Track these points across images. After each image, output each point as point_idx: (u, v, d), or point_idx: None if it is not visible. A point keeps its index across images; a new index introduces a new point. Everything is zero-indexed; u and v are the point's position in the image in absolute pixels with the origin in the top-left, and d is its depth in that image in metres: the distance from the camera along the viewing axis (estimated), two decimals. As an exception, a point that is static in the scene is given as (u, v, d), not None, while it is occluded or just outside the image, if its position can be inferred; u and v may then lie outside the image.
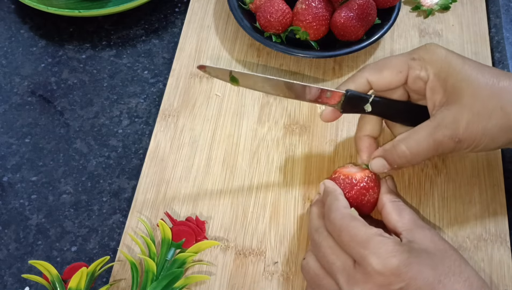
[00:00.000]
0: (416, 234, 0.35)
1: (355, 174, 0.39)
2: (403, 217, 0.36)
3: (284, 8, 0.48)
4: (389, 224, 0.37)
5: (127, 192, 0.45)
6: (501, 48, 0.53)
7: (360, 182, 0.39)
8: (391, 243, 0.32)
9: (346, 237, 0.34)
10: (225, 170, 0.45)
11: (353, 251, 0.33)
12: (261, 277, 0.40)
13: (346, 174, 0.39)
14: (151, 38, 0.55)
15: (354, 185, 0.39)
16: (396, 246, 0.32)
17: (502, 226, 0.42)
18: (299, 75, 0.51)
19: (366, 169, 0.40)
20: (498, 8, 0.56)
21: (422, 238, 0.34)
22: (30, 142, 0.48)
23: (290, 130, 0.47)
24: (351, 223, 0.34)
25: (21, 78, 0.52)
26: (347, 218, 0.34)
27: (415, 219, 0.36)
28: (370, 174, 0.39)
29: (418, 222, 0.36)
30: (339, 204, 0.36)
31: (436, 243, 0.34)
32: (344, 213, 0.35)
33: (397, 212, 0.37)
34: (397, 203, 0.38)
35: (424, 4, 0.55)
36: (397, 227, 0.36)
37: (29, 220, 0.44)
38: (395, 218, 0.36)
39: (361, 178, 0.39)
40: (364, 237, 0.33)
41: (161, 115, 0.48)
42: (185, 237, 0.41)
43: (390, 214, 0.37)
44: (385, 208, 0.38)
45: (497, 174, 0.45)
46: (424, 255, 0.33)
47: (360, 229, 0.33)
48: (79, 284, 0.38)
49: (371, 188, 0.39)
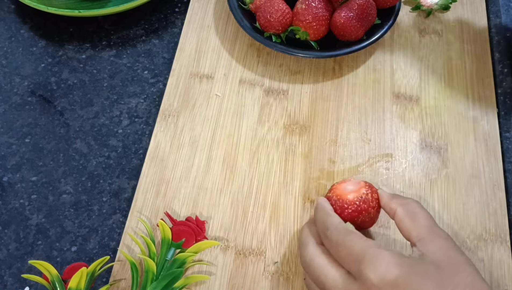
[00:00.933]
0: (430, 245, 0.32)
1: (347, 196, 0.37)
2: (417, 224, 0.34)
3: (284, 8, 0.48)
4: (403, 232, 0.34)
5: (127, 192, 0.45)
6: (501, 48, 0.53)
7: (351, 206, 0.36)
8: (388, 255, 0.31)
9: (343, 252, 0.33)
10: (225, 170, 0.45)
11: (351, 266, 0.32)
12: (261, 277, 0.40)
13: (339, 195, 0.37)
14: (151, 38, 0.55)
15: (345, 209, 0.36)
16: (395, 259, 0.31)
17: (502, 226, 0.43)
18: (299, 75, 0.51)
19: (363, 187, 0.37)
20: (498, 8, 0.56)
21: (436, 250, 0.32)
22: (30, 142, 0.48)
23: (290, 130, 0.47)
24: (346, 237, 0.33)
25: (21, 78, 0.52)
26: (342, 233, 0.33)
27: (431, 224, 0.34)
28: (366, 191, 0.37)
29: (433, 229, 0.33)
30: (333, 220, 0.35)
31: (450, 256, 0.32)
32: (340, 228, 0.34)
33: (410, 217, 0.34)
34: (409, 206, 0.35)
35: (424, 4, 0.55)
36: (412, 236, 0.33)
37: (29, 220, 0.44)
38: (409, 225, 0.34)
39: (352, 201, 0.36)
40: (360, 250, 0.32)
41: (161, 115, 0.48)
42: (185, 237, 0.41)
43: (403, 221, 0.34)
44: (397, 215, 0.35)
45: (497, 174, 0.45)
46: (431, 270, 0.31)
47: (356, 242, 0.32)
48: (79, 284, 0.38)
49: (364, 210, 0.36)
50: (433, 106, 0.49)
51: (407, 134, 0.47)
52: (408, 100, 0.49)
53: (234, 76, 0.51)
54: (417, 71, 0.51)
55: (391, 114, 0.49)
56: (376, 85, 0.50)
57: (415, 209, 0.35)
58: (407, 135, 0.47)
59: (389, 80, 0.51)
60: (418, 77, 0.51)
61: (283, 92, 0.50)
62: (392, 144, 0.47)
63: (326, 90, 0.50)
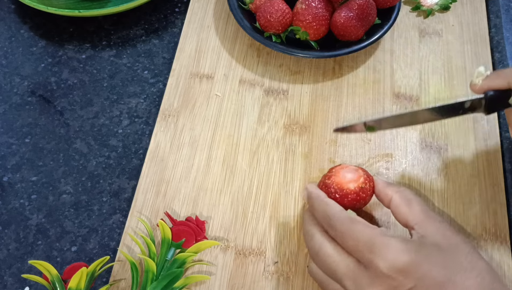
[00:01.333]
0: (428, 227, 0.34)
1: (347, 185, 0.38)
2: (413, 209, 0.35)
3: (284, 8, 0.48)
4: (399, 217, 0.36)
5: (127, 192, 0.45)
6: (501, 48, 0.53)
7: (351, 195, 0.38)
8: (396, 243, 0.32)
9: (350, 242, 0.33)
10: (225, 170, 0.45)
11: (360, 255, 0.33)
12: (261, 277, 0.40)
13: (339, 184, 0.38)
14: (151, 38, 0.55)
15: (345, 197, 0.38)
16: (402, 245, 0.31)
17: (502, 226, 0.42)
18: (299, 75, 0.51)
19: (361, 175, 0.39)
20: (498, 8, 0.56)
21: (434, 232, 0.33)
22: (30, 142, 0.48)
23: (290, 130, 0.47)
24: (351, 226, 0.33)
25: (21, 78, 0.52)
26: (347, 222, 0.34)
27: (426, 209, 0.35)
28: (364, 180, 0.38)
29: (429, 213, 0.35)
30: (334, 209, 0.35)
31: (448, 237, 0.33)
32: (343, 218, 0.34)
33: (405, 202, 0.36)
34: (404, 193, 0.36)
35: (424, 4, 0.55)
36: (408, 220, 0.35)
37: (29, 220, 0.44)
38: (405, 210, 0.35)
39: (352, 191, 0.38)
40: (368, 239, 0.32)
41: (161, 115, 0.48)
42: (185, 237, 0.41)
43: (399, 206, 0.36)
44: (393, 201, 0.36)
45: (497, 174, 0.45)
46: (434, 252, 0.32)
47: (363, 231, 0.33)
48: (79, 284, 0.38)
49: (363, 198, 0.38)
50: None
51: (407, 134, 0.47)
52: (408, 100, 0.49)
53: (234, 76, 0.51)
54: (417, 71, 0.51)
55: (391, 114, 0.48)
56: (376, 85, 0.50)
57: (410, 195, 0.36)
58: (407, 135, 0.47)
59: (389, 80, 0.51)
60: (418, 77, 0.51)
61: (283, 92, 0.50)
62: (392, 144, 0.47)
63: (326, 90, 0.50)
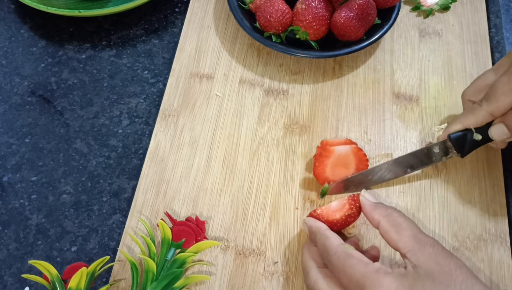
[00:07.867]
0: (420, 256, 0.33)
1: (334, 216, 0.39)
2: (403, 235, 0.34)
3: (284, 8, 0.48)
4: (389, 243, 0.35)
5: (127, 192, 0.45)
6: (501, 48, 0.53)
7: (339, 222, 0.39)
8: (389, 282, 0.31)
9: (344, 279, 0.33)
10: (225, 170, 0.45)
11: None
12: (261, 277, 0.40)
13: (325, 216, 0.39)
14: (151, 38, 0.55)
15: (334, 225, 0.39)
16: (395, 284, 0.31)
17: (502, 226, 0.42)
18: (299, 75, 0.51)
19: (346, 203, 0.39)
20: (498, 8, 0.56)
21: (426, 259, 0.32)
22: (30, 142, 0.48)
23: (290, 130, 0.47)
24: (346, 262, 0.33)
25: (21, 78, 0.52)
26: (342, 258, 0.34)
27: (415, 233, 0.34)
28: (349, 206, 0.39)
29: (419, 237, 0.34)
30: (333, 243, 0.35)
31: (440, 263, 0.32)
32: (339, 252, 0.34)
33: (394, 229, 0.35)
34: (392, 217, 0.36)
35: (424, 4, 0.55)
36: (399, 247, 0.34)
37: (29, 220, 0.44)
38: (395, 237, 0.34)
39: (339, 220, 0.39)
40: (360, 277, 0.32)
41: (161, 115, 0.48)
42: (185, 237, 0.41)
43: (388, 232, 0.35)
44: (381, 226, 0.36)
45: (497, 174, 0.45)
46: (428, 284, 0.31)
47: (356, 268, 0.33)
48: (79, 284, 0.38)
49: (350, 222, 0.39)
50: (433, 106, 0.49)
51: (407, 134, 0.47)
52: (408, 100, 0.49)
53: (234, 76, 0.51)
54: (417, 71, 0.51)
55: (391, 114, 0.49)
56: (376, 85, 0.50)
57: (398, 219, 0.35)
58: (407, 135, 0.47)
59: (389, 80, 0.51)
60: (418, 77, 0.51)
61: (283, 92, 0.50)
62: (392, 144, 0.47)
63: (326, 90, 0.50)
